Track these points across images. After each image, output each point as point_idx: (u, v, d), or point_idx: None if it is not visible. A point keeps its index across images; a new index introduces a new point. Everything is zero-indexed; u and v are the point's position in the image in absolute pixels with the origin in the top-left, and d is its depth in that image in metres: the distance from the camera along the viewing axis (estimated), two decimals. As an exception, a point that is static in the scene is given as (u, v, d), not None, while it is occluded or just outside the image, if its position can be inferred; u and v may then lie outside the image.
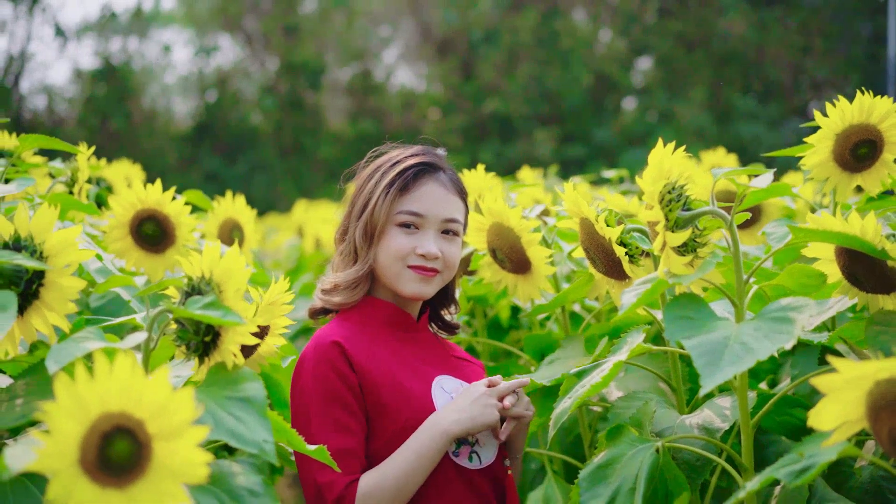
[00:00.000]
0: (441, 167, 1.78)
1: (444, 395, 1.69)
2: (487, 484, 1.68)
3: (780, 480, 1.15)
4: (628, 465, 1.37)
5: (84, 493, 0.94)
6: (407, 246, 1.71)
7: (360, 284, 1.75)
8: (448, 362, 1.78)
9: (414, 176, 1.73)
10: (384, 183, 1.73)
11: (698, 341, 1.27)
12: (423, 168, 1.75)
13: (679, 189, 1.42)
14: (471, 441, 1.67)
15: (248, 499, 1.23)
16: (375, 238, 1.73)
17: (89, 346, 1.22)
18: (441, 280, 1.75)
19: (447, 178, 1.77)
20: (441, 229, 1.73)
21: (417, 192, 1.72)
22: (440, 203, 1.73)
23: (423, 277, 1.71)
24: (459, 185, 1.79)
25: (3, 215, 1.35)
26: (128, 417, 0.97)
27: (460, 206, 1.77)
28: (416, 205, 1.72)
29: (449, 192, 1.75)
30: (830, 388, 1.08)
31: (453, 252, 1.74)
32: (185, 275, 1.34)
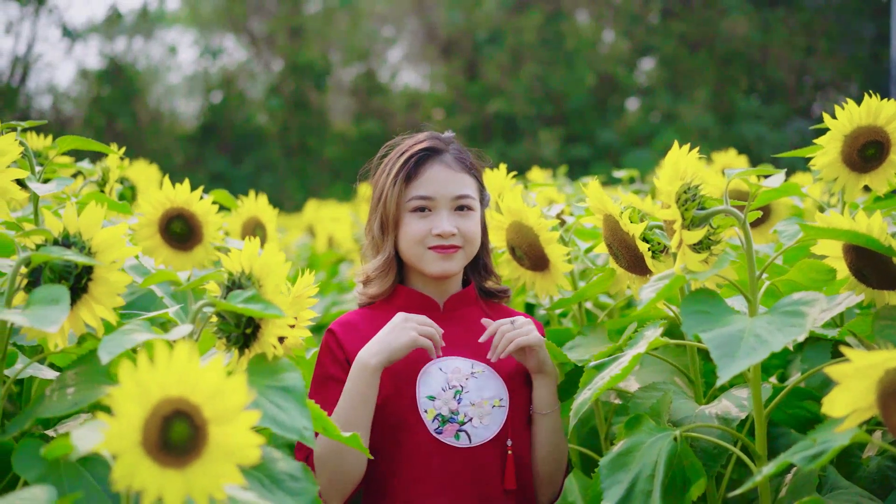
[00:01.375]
0: (444, 149, 1.84)
1: (439, 376, 1.76)
2: (477, 464, 1.72)
3: (795, 464, 1.21)
4: (647, 452, 1.44)
5: (146, 472, 1.00)
6: (423, 229, 1.79)
7: (388, 273, 1.84)
8: (469, 343, 1.81)
9: (417, 162, 1.81)
10: (392, 174, 1.83)
11: (715, 334, 1.33)
12: (426, 153, 1.82)
13: (694, 189, 1.48)
14: (460, 419, 1.73)
15: (288, 483, 1.29)
16: (391, 228, 1.82)
17: (138, 337, 1.29)
18: (464, 255, 1.82)
19: (451, 157, 1.83)
20: (453, 206, 1.80)
21: (423, 177, 1.80)
22: (447, 183, 1.80)
23: (443, 255, 1.79)
24: (466, 162, 1.85)
25: (51, 213, 1.41)
26: (185, 402, 1.03)
27: (469, 182, 1.83)
28: (424, 189, 1.80)
29: (454, 171, 1.82)
30: (843, 377, 1.15)
31: (470, 226, 1.81)
32: (226, 270, 1.41)
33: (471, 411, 1.74)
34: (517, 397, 1.78)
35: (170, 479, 1.02)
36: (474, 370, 1.78)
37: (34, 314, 1.25)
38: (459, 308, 1.87)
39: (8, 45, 19.48)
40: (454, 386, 1.76)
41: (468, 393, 1.75)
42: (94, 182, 2.18)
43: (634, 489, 1.42)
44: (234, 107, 17.34)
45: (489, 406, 1.75)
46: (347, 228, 4.08)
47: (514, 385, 1.79)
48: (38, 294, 1.30)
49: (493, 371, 1.78)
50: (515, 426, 1.77)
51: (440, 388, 1.75)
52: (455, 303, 1.87)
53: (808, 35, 15.82)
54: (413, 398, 1.74)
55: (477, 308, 1.88)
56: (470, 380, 1.77)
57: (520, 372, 1.81)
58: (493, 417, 1.74)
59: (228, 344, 1.40)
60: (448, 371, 1.77)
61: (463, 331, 1.83)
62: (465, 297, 1.88)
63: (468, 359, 1.79)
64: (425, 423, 1.73)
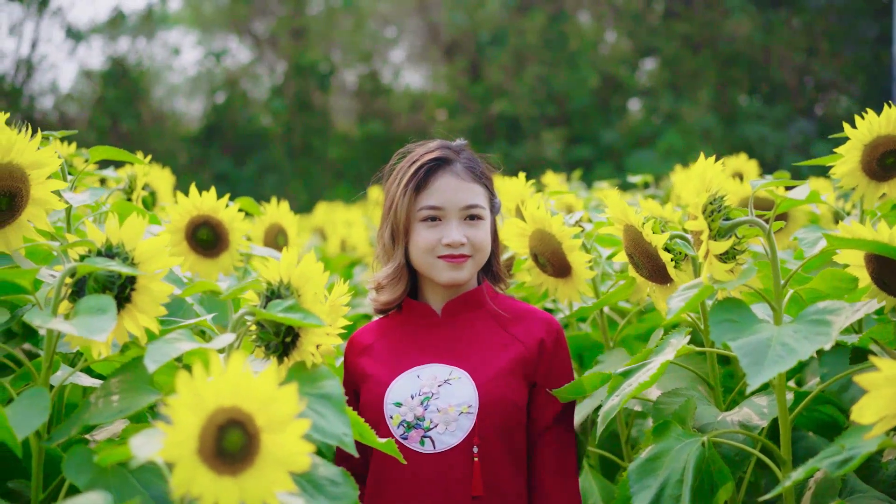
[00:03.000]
0: (454, 159, 1.87)
1: (413, 383, 1.79)
2: (443, 471, 1.74)
3: (824, 470, 1.25)
4: (676, 458, 1.47)
5: (203, 479, 1.04)
6: (433, 239, 1.82)
7: (399, 281, 1.88)
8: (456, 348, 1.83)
9: (427, 172, 1.84)
10: (402, 183, 1.86)
11: (743, 343, 1.37)
12: (436, 163, 1.86)
13: (720, 200, 1.52)
14: (426, 425, 1.75)
15: (329, 488, 1.33)
16: (402, 236, 1.86)
17: (182, 346, 1.32)
18: (474, 263, 1.85)
19: (461, 167, 1.86)
20: (463, 216, 1.83)
21: (433, 187, 1.83)
22: (456, 192, 1.83)
23: (453, 265, 1.82)
24: (477, 171, 1.88)
25: (93, 223, 1.45)
26: (239, 411, 1.07)
27: (479, 191, 1.86)
28: (434, 199, 1.83)
29: (464, 181, 1.84)
30: (872, 385, 1.18)
31: (479, 235, 1.84)
32: (264, 279, 1.44)
33: (436, 418, 1.75)
34: (492, 404, 1.76)
35: (225, 486, 1.05)
36: (451, 377, 1.79)
37: (82, 323, 1.29)
38: (461, 313, 1.88)
39: (11, 46, 19.47)
40: (425, 392, 1.78)
41: (437, 399, 1.77)
42: (120, 190, 2.21)
43: (663, 494, 1.45)
44: (238, 108, 17.37)
45: (456, 413, 1.75)
46: (363, 232, 4.12)
47: (490, 391, 1.77)
48: (84, 304, 1.33)
49: (469, 378, 1.78)
50: (485, 433, 1.75)
51: (409, 394, 1.79)
52: (454, 308, 1.88)
53: (811, 36, 15.85)
54: (381, 404, 1.80)
55: (482, 311, 1.88)
56: (443, 386, 1.78)
57: (503, 377, 1.79)
58: (460, 424, 1.75)
59: (267, 352, 1.43)
60: (424, 377, 1.80)
61: (455, 337, 1.85)
62: (467, 301, 1.88)
63: (448, 365, 1.81)
64: (391, 429, 1.77)
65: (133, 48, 18.32)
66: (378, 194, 2.06)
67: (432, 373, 1.80)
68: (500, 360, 1.81)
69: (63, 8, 17.32)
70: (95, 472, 1.27)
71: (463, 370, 1.80)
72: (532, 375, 1.82)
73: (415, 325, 1.89)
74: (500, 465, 1.77)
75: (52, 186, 1.56)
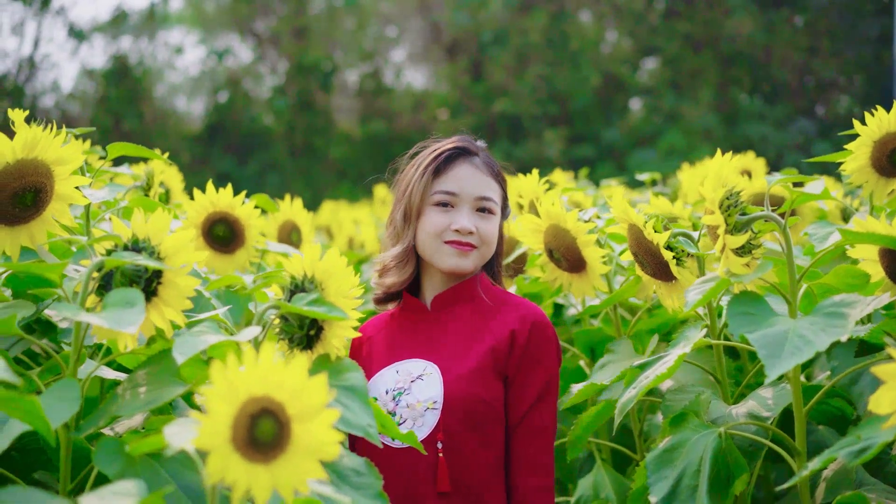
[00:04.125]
0: (475, 152, 1.90)
1: (391, 378, 1.81)
2: (411, 465, 1.74)
3: (838, 462, 1.27)
4: (693, 449, 1.49)
5: (236, 467, 1.06)
6: (443, 223, 1.83)
7: (406, 264, 1.88)
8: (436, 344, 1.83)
9: (447, 159, 1.87)
10: (421, 168, 1.88)
11: (760, 335, 1.39)
12: (457, 152, 1.88)
13: (736, 196, 1.54)
14: (396, 421, 1.76)
15: (353, 478, 1.35)
16: (413, 219, 1.86)
17: (210, 339, 1.35)
18: (479, 255, 1.85)
19: (481, 161, 1.89)
20: (475, 207, 1.84)
21: (451, 173, 1.86)
22: (473, 182, 1.85)
23: (459, 252, 1.83)
24: (494, 169, 1.90)
25: (119, 219, 1.47)
26: (271, 400, 1.09)
27: (494, 187, 1.88)
28: (450, 184, 1.85)
29: (482, 173, 1.87)
30: (889, 376, 1.20)
31: (488, 229, 1.85)
32: (289, 273, 1.46)
33: (406, 413, 1.76)
34: (455, 400, 1.75)
35: (257, 473, 1.08)
36: (424, 372, 1.79)
37: (111, 316, 1.30)
38: (447, 306, 1.87)
39: (13, 45, 19.50)
40: (398, 388, 1.79)
41: (408, 395, 1.77)
42: (137, 187, 2.23)
43: (681, 484, 1.47)
44: (240, 107, 17.39)
45: (422, 408, 1.75)
46: (372, 230, 4.14)
47: (455, 387, 1.76)
48: (112, 297, 1.35)
49: (439, 373, 1.78)
50: (450, 429, 1.74)
51: (385, 389, 1.80)
52: (443, 300, 1.88)
53: (812, 35, 15.87)
54: None
55: (469, 304, 1.86)
56: (416, 382, 1.79)
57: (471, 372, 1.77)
58: (426, 420, 1.75)
59: (291, 345, 1.46)
60: (402, 373, 1.81)
61: (438, 331, 1.85)
62: (454, 294, 1.87)
63: (424, 360, 1.81)
64: None
65: (135, 47, 18.34)
66: (384, 193, 2.09)
67: (408, 368, 1.81)
68: (472, 353, 1.80)
69: (65, 7, 17.32)
70: (125, 463, 1.29)
71: (435, 365, 1.80)
72: (504, 368, 1.79)
73: (407, 319, 1.90)
74: (470, 461, 1.75)
75: (76, 182, 1.59)
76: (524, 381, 1.79)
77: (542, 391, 1.78)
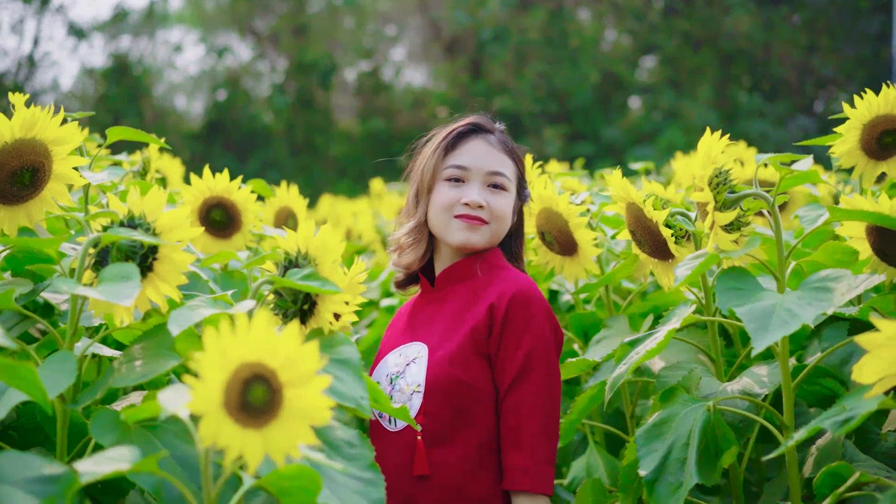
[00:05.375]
0: (490, 129, 1.90)
1: (394, 361, 1.81)
2: (400, 448, 1.73)
3: (826, 429, 1.29)
4: (682, 422, 1.51)
5: (228, 431, 1.08)
6: (453, 197, 1.82)
7: (419, 241, 1.87)
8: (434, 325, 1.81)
9: (459, 135, 1.87)
10: (435, 144, 1.89)
11: (748, 309, 1.41)
12: (471, 128, 1.88)
13: (725, 173, 1.56)
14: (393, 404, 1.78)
15: (346, 449, 1.37)
16: (425, 194, 1.86)
17: (204, 312, 1.37)
18: (490, 232, 1.81)
19: (495, 138, 1.88)
20: (487, 182, 1.83)
21: (463, 149, 1.85)
22: (485, 157, 1.84)
23: (468, 226, 1.80)
24: (509, 146, 1.89)
25: (115, 197, 1.49)
26: (263, 367, 1.11)
27: (507, 163, 1.86)
28: (462, 159, 1.84)
29: (495, 149, 1.85)
30: (873, 346, 1.22)
31: (500, 204, 1.82)
32: (282, 249, 1.48)
33: (398, 397, 1.76)
34: (435, 382, 1.72)
35: (250, 438, 1.10)
36: (418, 355, 1.78)
37: (108, 289, 1.32)
38: (448, 285, 1.85)
39: (13, 43, 19.51)
40: (395, 371, 1.79)
41: (402, 378, 1.77)
42: (134, 172, 2.25)
43: (670, 457, 1.49)
44: (240, 105, 17.41)
45: (410, 392, 1.74)
46: (369, 220, 4.17)
47: (436, 369, 1.74)
48: (108, 272, 1.37)
49: (426, 356, 1.76)
50: (432, 411, 1.72)
51: (386, 373, 1.81)
52: (444, 280, 1.86)
53: (811, 33, 15.89)
54: None
55: (467, 284, 1.82)
56: (410, 365, 1.78)
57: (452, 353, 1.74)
58: (412, 403, 1.74)
59: (285, 320, 1.47)
60: (403, 356, 1.81)
61: (436, 312, 1.83)
62: (454, 272, 1.85)
63: (420, 343, 1.80)
64: None
65: (135, 46, 18.37)
66: (380, 187, 2.10)
67: (408, 351, 1.81)
68: (457, 334, 1.76)
69: (65, 6, 17.35)
70: (121, 433, 1.31)
71: (426, 347, 1.78)
72: (485, 347, 1.74)
73: (419, 301, 1.90)
74: (451, 445, 1.72)
75: (74, 162, 1.61)
76: (504, 357, 1.72)
77: (524, 366, 1.71)
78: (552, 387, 1.72)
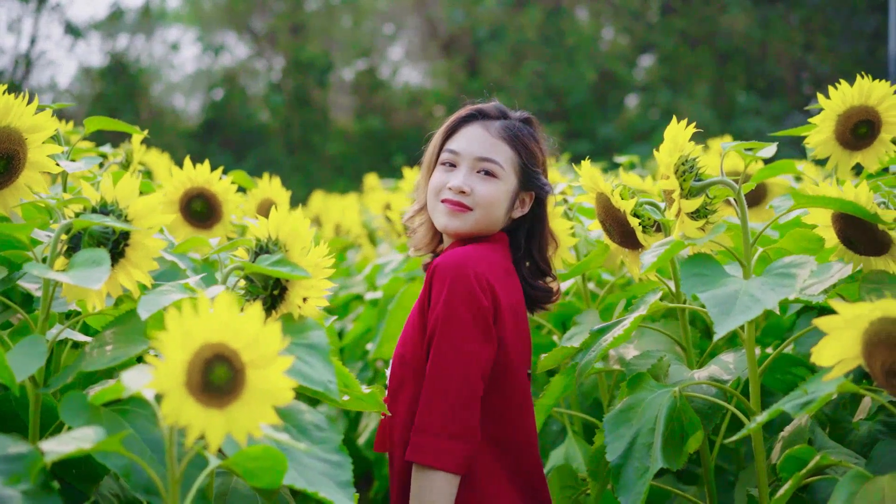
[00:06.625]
0: (493, 116, 1.87)
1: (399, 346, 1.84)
2: None
3: (787, 412, 1.31)
4: (648, 408, 1.53)
5: (190, 410, 1.10)
6: (441, 181, 1.83)
7: (423, 223, 1.91)
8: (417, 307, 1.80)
9: (461, 120, 1.88)
10: (440, 129, 1.91)
11: (712, 294, 1.43)
12: (473, 114, 1.88)
13: (692, 161, 1.58)
14: None
15: (314, 432, 1.39)
16: (425, 178, 1.89)
17: (174, 296, 1.38)
18: (475, 219, 1.79)
19: (499, 125, 1.84)
20: (475, 168, 1.81)
21: (460, 133, 1.86)
22: (477, 143, 1.82)
23: (449, 211, 1.80)
24: (510, 133, 1.83)
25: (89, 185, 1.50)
26: (226, 347, 1.12)
27: (503, 150, 1.82)
28: (455, 143, 1.85)
29: (491, 136, 1.82)
30: (831, 328, 1.24)
31: (485, 190, 1.79)
32: (253, 236, 1.50)
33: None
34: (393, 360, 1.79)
35: (212, 417, 1.11)
36: None
37: (78, 274, 1.34)
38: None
39: (10, 42, 19.53)
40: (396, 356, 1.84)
41: None
42: (117, 164, 2.27)
43: (636, 442, 1.51)
44: (237, 104, 17.43)
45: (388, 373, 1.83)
46: (356, 216, 4.18)
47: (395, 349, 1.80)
48: (79, 257, 1.39)
49: None
50: (389, 390, 1.78)
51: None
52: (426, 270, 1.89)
53: (807, 31, 15.91)
54: None
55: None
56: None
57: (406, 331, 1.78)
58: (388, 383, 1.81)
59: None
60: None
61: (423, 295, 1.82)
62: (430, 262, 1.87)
63: None
64: None
65: (132, 45, 18.39)
66: (374, 182, 2.12)
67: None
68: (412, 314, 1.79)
69: (62, 4, 17.38)
70: (90, 416, 1.33)
71: None
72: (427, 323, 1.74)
73: None
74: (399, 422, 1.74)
75: (49, 151, 1.62)
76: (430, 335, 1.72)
77: (431, 335, 1.70)
78: (456, 361, 1.68)
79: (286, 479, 1.24)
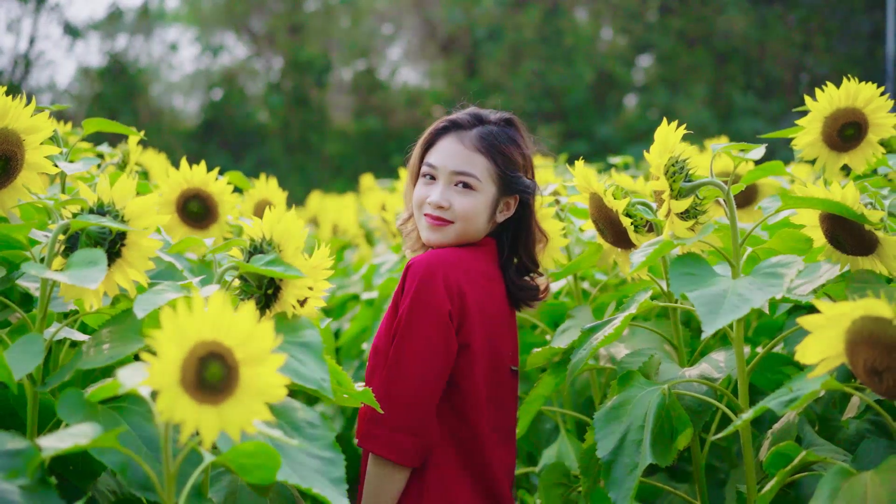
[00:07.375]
0: (468, 126, 1.88)
1: None
2: None
3: (772, 409, 1.33)
4: (638, 405, 1.55)
5: (185, 407, 1.12)
6: (422, 195, 1.88)
7: (413, 230, 1.95)
8: None
9: (437, 133, 1.91)
10: (420, 140, 1.95)
11: (700, 293, 1.45)
12: (448, 126, 1.91)
13: (682, 162, 1.60)
14: None
15: (307, 430, 1.41)
16: (410, 189, 1.95)
17: (169, 296, 1.40)
18: (456, 231, 1.83)
19: (473, 135, 1.86)
20: (452, 181, 1.84)
21: (437, 147, 1.89)
22: (453, 157, 1.85)
23: (431, 225, 1.85)
24: (486, 143, 1.85)
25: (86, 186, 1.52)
26: (219, 345, 1.14)
27: (479, 162, 1.83)
28: (432, 157, 1.89)
29: (465, 148, 1.85)
30: (815, 327, 1.26)
31: (464, 203, 1.82)
32: (248, 236, 1.52)
33: None
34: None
35: (206, 413, 1.13)
36: None
37: (75, 274, 1.36)
38: None
39: (9, 42, 19.54)
40: None
41: None
42: (114, 164, 2.29)
43: (626, 439, 1.53)
44: (235, 104, 17.45)
45: None
46: (353, 216, 4.20)
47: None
48: (76, 257, 1.41)
49: None
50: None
51: None
52: None
53: (805, 32, 15.94)
54: None
55: None
56: None
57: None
58: None
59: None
60: None
61: None
62: None
63: None
64: None
65: (131, 45, 18.41)
66: (371, 182, 2.14)
67: None
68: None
69: (61, 4, 17.42)
70: (87, 413, 1.35)
71: None
72: None
73: None
74: None
75: (47, 151, 1.64)
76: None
77: (396, 328, 1.76)
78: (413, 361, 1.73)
79: (280, 475, 1.26)
